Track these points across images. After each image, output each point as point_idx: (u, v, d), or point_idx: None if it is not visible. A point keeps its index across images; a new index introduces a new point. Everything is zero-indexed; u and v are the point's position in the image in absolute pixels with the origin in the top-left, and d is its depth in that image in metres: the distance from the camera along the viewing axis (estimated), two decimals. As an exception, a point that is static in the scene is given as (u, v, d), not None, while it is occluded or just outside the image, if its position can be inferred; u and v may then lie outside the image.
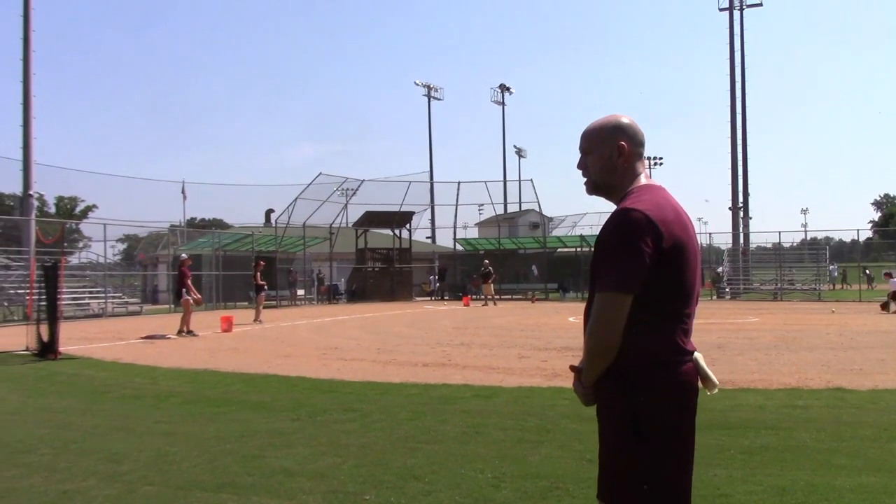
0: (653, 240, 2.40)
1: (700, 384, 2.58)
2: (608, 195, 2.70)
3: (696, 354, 2.55)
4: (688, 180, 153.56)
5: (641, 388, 2.43)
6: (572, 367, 2.67)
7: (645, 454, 2.41)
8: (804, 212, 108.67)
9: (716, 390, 2.60)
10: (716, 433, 6.38)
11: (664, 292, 2.46)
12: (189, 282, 19.31)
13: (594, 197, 2.77)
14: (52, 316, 13.68)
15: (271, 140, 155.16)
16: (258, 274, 24.11)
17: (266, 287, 25.08)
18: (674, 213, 2.52)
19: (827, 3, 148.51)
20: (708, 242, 46.81)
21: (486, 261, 36.02)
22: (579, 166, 2.75)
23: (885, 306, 25.95)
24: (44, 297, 14.26)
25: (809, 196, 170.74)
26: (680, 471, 2.50)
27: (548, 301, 37.64)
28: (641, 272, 2.39)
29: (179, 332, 18.29)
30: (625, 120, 2.70)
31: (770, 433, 6.44)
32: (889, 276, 28.14)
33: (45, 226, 32.45)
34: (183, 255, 21.57)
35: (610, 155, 2.64)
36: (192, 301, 19.08)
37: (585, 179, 2.75)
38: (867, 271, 46.56)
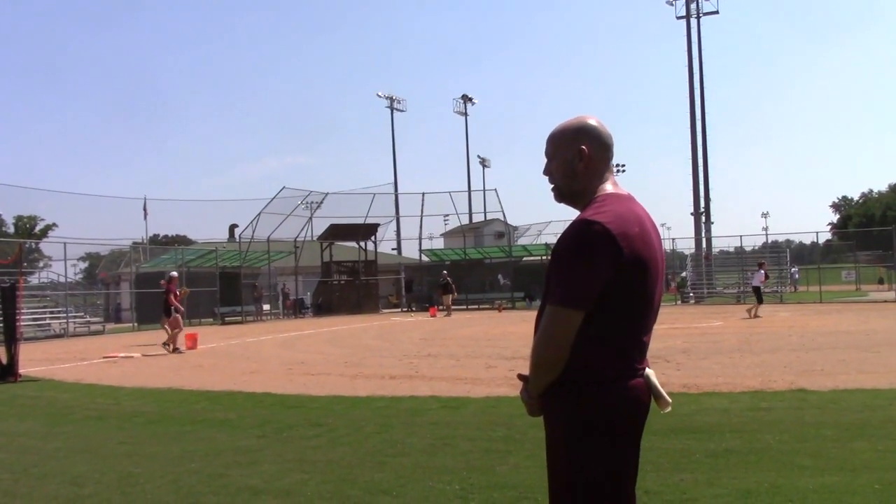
0: (611, 254, 2.26)
1: (653, 401, 2.48)
2: (573, 202, 2.54)
3: (648, 371, 2.45)
4: (651, 187, 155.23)
5: (588, 402, 2.32)
6: (520, 376, 2.57)
7: (588, 467, 2.33)
8: (765, 215, 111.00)
9: (668, 408, 2.47)
10: (681, 437, 6.43)
11: (619, 308, 2.33)
12: (174, 299, 18.80)
13: (559, 205, 2.60)
14: (11, 337, 13.44)
15: (234, 154, 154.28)
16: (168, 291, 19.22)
17: (178, 309, 19.00)
18: (637, 226, 2.37)
19: (782, 11, 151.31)
20: (672, 248, 47.38)
21: (445, 272, 36.57)
22: (545, 172, 2.59)
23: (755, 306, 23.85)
24: (1, 318, 14.00)
25: (770, 200, 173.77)
26: (621, 485, 2.39)
27: (514, 310, 37.74)
28: (595, 288, 2.27)
29: (164, 345, 18.24)
30: (591, 122, 2.52)
31: (735, 436, 6.49)
32: (761, 265, 25.38)
33: (2, 246, 31.87)
34: (172, 273, 20.98)
35: (571, 159, 2.48)
36: (180, 318, 18.78)
37: (552, 186, 2.59)
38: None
